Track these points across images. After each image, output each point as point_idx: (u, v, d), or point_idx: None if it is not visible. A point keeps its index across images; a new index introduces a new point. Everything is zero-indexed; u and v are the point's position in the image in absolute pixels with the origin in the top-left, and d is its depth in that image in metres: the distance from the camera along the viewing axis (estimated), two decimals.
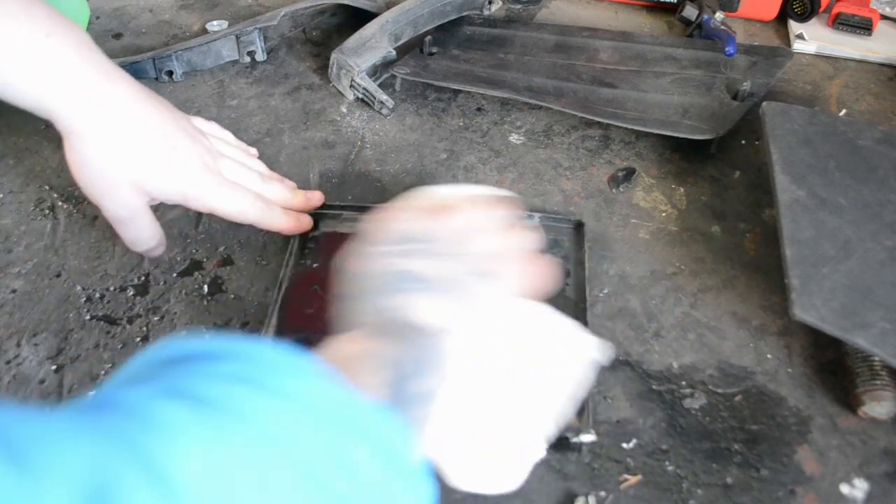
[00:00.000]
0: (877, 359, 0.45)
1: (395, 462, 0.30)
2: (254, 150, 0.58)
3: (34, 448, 0.21)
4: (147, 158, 0.48)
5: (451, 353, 0.37)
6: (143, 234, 0.52)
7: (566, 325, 0.42)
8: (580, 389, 0.41)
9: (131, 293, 0.53)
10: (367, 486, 0.28)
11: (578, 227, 0.56)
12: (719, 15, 0.79)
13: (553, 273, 0.43)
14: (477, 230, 0.42)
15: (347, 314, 0.39)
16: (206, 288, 0.53)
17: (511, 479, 0.39)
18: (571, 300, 0.51)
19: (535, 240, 0.44)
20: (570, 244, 0.55)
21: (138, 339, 0.50)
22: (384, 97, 0.68)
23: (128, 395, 0.26)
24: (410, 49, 0.75)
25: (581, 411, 0.44)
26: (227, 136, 0.57)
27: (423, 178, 0.62)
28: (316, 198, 0.57)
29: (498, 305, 0.40)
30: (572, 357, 0.41)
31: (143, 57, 0.72)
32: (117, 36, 0.80)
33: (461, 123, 0.69)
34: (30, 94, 0.46)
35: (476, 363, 0.39)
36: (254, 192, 0.52)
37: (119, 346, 0.49)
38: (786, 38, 0.82)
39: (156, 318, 0.51)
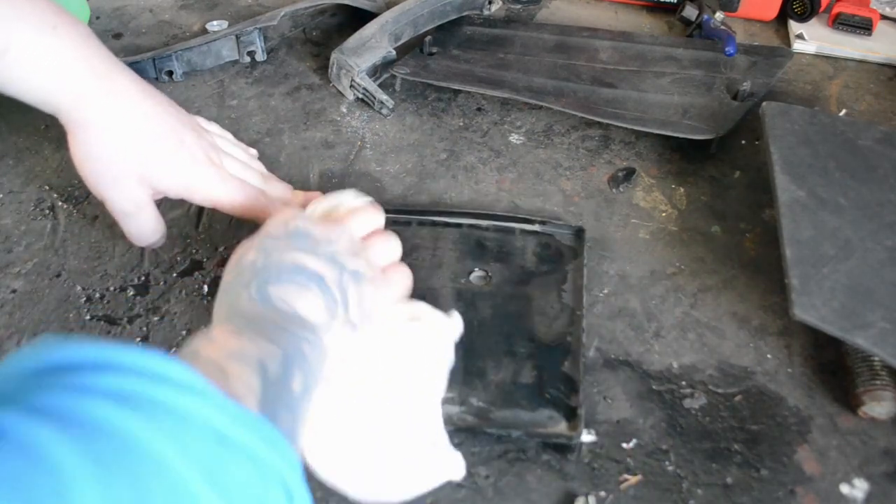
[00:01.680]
0: (877, 359, 0.45)
1: (273, 478, 0.29)
2: (253, 151, 0.59)
3: None
4: (153, 150, 0.48)
5: (327, 351, 0.38)
6: (147, 227, 0.52)
7: (426, 313, 0.43)
8: (445, 368, 0.42)
9: (131, 293, 0.53)
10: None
11: (579, 233, 0.56)
12: (719, 15, 0.79)
13: (408, 282, 0.45)
14: (364, 239, 0.44)
15: (225, 301, 0.39)
16: (206, 288, 0.53)
17: (407, 484, 0.39)
18: (568, 307, 0.51)
19: (398, 248, 0.46)
20: (570, 250, 0.55)
21: (138, 339, 0.50)
22: (384, 97, 0.68)
23: (19, 427, 0.23)
24: (410, 49, 0.75)
25: (575, 413, 0.44)
26: (228, 136, 0.57)
27: (423, 178, 0.62)
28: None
29: (385, 309, 0.42)
30: (434, 345, 0.42)
31: (143, 57, 0.72)
32: (117, 36, 0.80)
33: (461, 123, 0.69)
34: (37, 87, 0.46)
35: (356, 365, 0.39)
36: (257, 188, 0.52)
37: None
38: (786, 38, 0.82)
39: (156, 319, 0.51)
